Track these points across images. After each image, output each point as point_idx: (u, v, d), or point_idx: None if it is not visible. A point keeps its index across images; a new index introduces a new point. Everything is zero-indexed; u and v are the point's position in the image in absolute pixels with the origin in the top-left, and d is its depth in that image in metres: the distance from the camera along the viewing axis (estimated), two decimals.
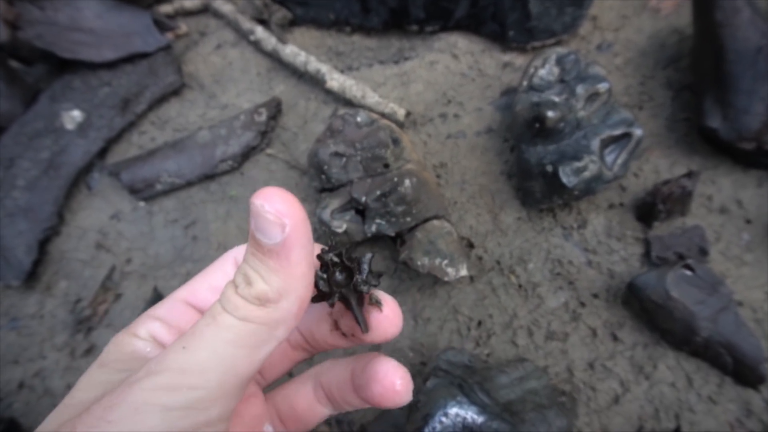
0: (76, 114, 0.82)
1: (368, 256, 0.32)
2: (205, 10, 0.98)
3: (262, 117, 0.79)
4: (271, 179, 0.78)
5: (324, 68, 0.82)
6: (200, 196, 0.79)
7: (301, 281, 0.28)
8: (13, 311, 0.76)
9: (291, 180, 0.77)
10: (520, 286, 0.67)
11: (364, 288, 0.31)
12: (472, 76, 0.82)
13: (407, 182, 0.60)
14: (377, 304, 0.32)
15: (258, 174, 0.79)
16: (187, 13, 0.99)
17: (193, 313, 0.34)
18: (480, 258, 0.69)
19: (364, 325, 0.31)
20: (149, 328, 0.32)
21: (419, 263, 0.58)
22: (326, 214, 0.64)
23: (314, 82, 0.85)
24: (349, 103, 0.81)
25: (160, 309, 0.34)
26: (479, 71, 0.82)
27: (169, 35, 0.91)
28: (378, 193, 0.61)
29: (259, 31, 0.89)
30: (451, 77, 0.82)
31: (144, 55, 0.87)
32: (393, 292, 0.68)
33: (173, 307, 0.34)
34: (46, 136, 0.82)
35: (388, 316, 0.33)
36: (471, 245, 0.69)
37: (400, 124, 0.78)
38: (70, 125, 0.82)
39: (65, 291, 0.76)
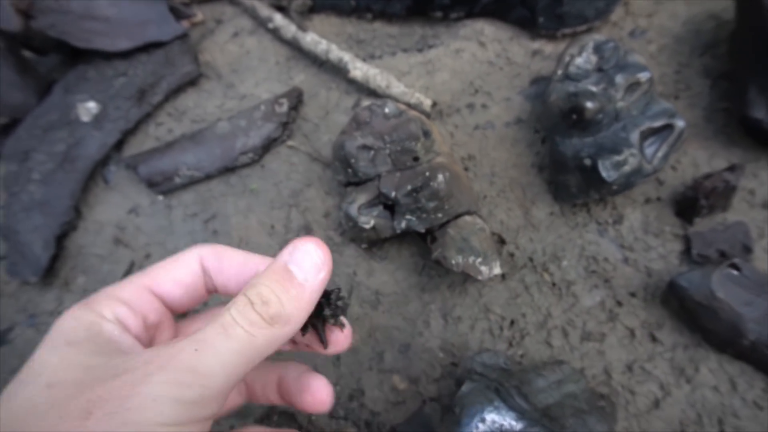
0: (92, 105, 0.80)
1: (336, 290, 0.38)
2: None
3: (283, 108, 0.77)
4: (292, 172, 0.76)
5: (346, 57, 0.79)
6: (220, 189, 0.77)
7: (305, 311, 0.34)
8: (30, 307, 0.74)
9: (313, 173, 0.75)
10: (553, 284, 0.64)
11: (331, 321, 0.37)
12: (500, 64, 0.79)
13: (440, 177, 0.57)
14: (340, 325, 0.39)
15: (279, 167, 0.77)
16: (203, 0, 0.96)
17: (156, 303, 0.38)
18: (512, 255, 0.66)
19: (325, 344, 0.38)
20: (115, 311, 0.35)
21: (453, 262, 0.56)
22: (353, 210, 0.62)
23: (336, 71, 0.82)
24: (372, 93, 0.79)
25: (124, 292, 0.36)
26: (507, 59, 0.79)
27: (185, 23, 0.88)
28: (409, 188, 0.59)
29: (278, 19, 0.86)
30: (478, 66, 0.79)
31: (159, 44, 0.84)
32: (421, 290, 0.66)
33: (138, 293, 0.37)
34: (61, 129, 0.79)
35: (346, 335, 0.39)
36: (502, 241, 0.67)
37: (427, 115, 0.75)
38: (85, 117, 0.79)
39: (83, 287, 0.74)
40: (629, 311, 0.62)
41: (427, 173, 0.58)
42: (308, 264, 0.34)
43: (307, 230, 0.71)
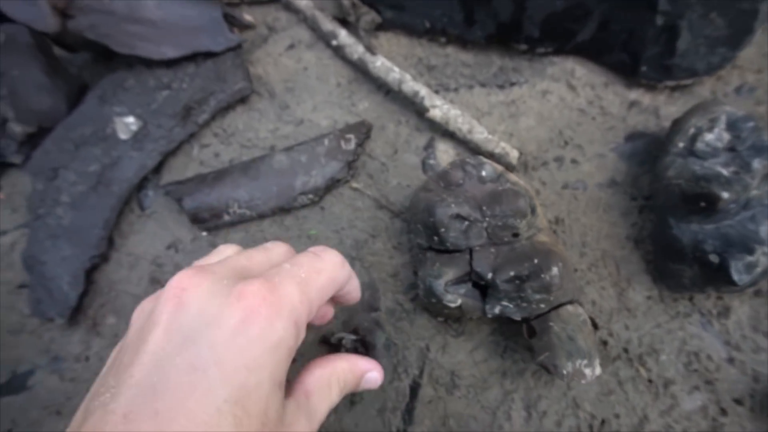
0: (131, 121, 0.71)
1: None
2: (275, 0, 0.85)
3: (350, 145, 0.68)
4: (356, 219, 0.68)
5: (423, 91, 0.71)
6: (273, 230, 0.68)
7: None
8: (54, 348, 0.66)
9: (379, 222, 0.67)
10: (650, 380, 0.58)
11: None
12: (593, 113, 0.71)
13: (555, 270, 0.50)
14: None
15: (341, 211, 0.68)
16: (254, 2, 0.86)
17: None
18: (605, 342, 0.59)
19: None
20: None
21: (564, 372, 0.49)
22: (440, 286, 0.54)
23: (406, 102, 0.73)
24: (449, 135, 0.70)
25: None
26: (601, 108, 0.71)
27: (239, 32, 0.79)
28: (512, 274, 0.51)
29: (343, 36, 0.77)
30: (568, 113, 0.71)
31: (209, 54, 0.75)
32: (502, 375, 0.59)
33: None
34: (96, 145, 0.70)
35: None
36: (595, 325, 0.60)
37: (511, 168, 0.67)
38: (123, 134, 0.70)
39: (114, 329, 0.66)
40: (734, 421, 0.56)
41: (536, 260, 0.51)
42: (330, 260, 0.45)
43: (372, 290, 0.63)
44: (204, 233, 0.69)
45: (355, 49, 0.76)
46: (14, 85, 0.72)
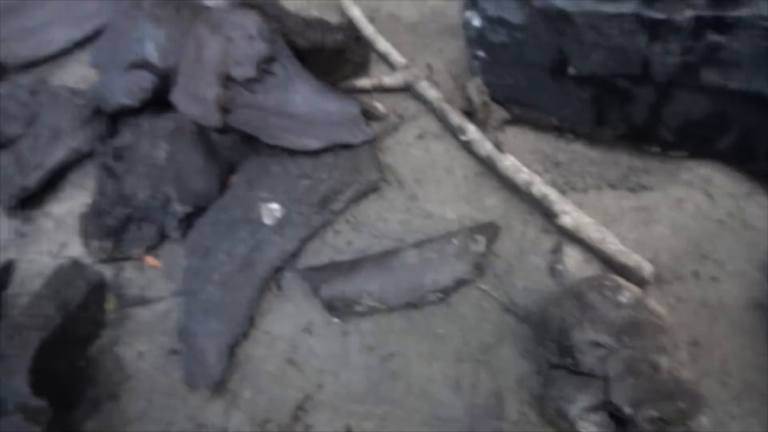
0: (275, 208, 0.78)
1: None
2: (405, 89, 0.90)
3: (479, 247, 0.71)
4: (483, 320, 0.69)
5: (552, 195, 0.72)
6: (401, 324, 0.72)
7: None
8: (198, 416, 0.73)
9: (506, 326, 0.68)
10: None
11: None
12: (733, 225, 0.69)
13: (704, 420, 0.49)
14: None
15: (468, 311, 0.71)
16: (385, 90, 0.92)
17: None
18: None
19: None
20: None
21: None
22: (574, 411, 0.54)
23: (533, 201, 0.75)
24: (579, 242, 0.71)
25: None
26: (742, 221, 0.69)
27: (375, 126, 0.84)
28: (654, 414, 0.50)
29: (472, 131, 0.80)
30: (705, 223, 0.69)
31: (345, 146, 0.80)
32: None
33: None
34: (243, 228, 0.78)
35: None
36: None
37: (643, 282, 0.66)
38: (268, 219, 0.77)
39: (251, 405, 0.72)
40: None
41: (681, 404, 0.50)
42: None
43: (497, 397, 0.65)
44: (336, 320, 0.74)
45: (484, 145, 0.79)
46: (179, 169, 0.81)
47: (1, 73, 1.04)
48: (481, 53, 0.76)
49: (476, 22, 0.74)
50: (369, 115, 0.83)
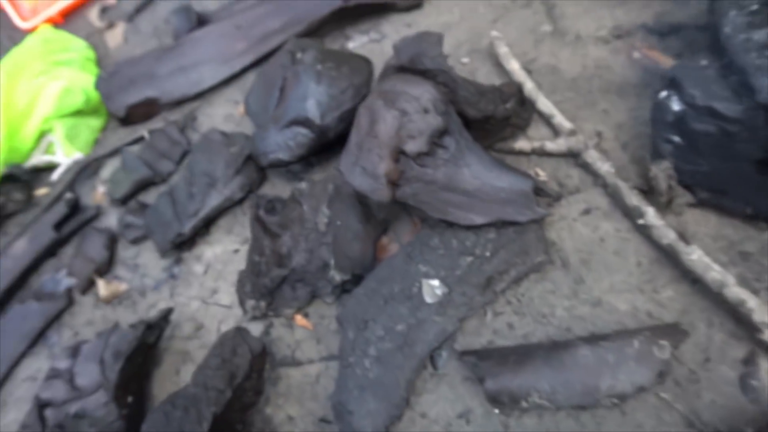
0: (436, 285, 0.76)
1: None
2: (568, 155, 0.85)
3: (664, 354, 0.66)
4: None
5: (751, 302, 0.65)
6: (568, 425, 0.68)
7: None
8: None
9: None
10: None
11: None
12: None
13: None
14: None
15: (645, 420, 0.66)
16: (545, 154, 0.87)
17: None
18: None
19: None
20: None
21: None
22: None
23: (724, 303, 0.68)
24: None
25: None
26: None
27: (547, 205, 0.79)
28: None
29: (651, 216, 0.74)
30: None
31: (510, 222, 0.76)
32: None
33: None
34: (403, 303, 0.76)
35: None
36: None
37: None
38: (429, 298, 0.75)
39: None
40: None
41: None
42: None
43: None
44: (496, 411, 0.71)
45: (665, 233, 0.73)
46: (338, 233, 0.81)
47: (156, 110, 1.08)
48: (675, 138, 0.70)
49: (676, 106, 0.68)
50: (544, 194, 0.79)
